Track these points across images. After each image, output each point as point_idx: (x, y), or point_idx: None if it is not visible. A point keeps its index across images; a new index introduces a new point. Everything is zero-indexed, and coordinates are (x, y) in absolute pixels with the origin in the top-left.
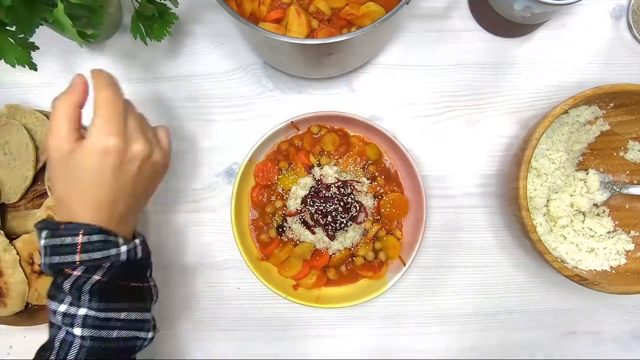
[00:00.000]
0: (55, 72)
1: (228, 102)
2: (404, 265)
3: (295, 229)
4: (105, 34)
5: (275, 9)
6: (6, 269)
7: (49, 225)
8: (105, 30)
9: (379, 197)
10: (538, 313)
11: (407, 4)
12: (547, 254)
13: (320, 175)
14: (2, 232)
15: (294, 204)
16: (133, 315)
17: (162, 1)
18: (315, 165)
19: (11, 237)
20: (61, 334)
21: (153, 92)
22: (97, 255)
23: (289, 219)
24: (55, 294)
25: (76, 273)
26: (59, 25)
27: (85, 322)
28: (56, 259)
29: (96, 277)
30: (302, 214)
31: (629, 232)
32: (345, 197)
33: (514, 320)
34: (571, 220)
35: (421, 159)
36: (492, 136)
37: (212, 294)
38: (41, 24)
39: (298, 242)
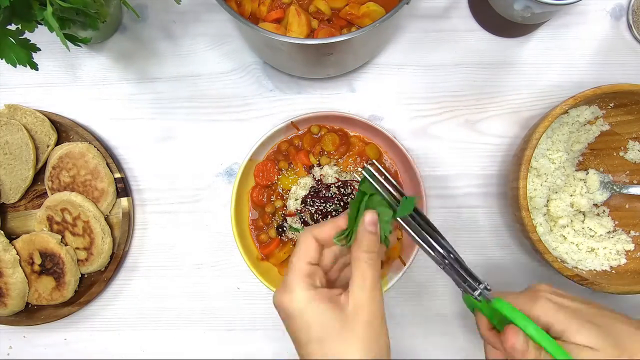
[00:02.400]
0: (55, 72)
1: (228, 102)
2: (404, 265)
3: (295, 228)
4: (105, 34)
5: (275, 9)
6: (6, 269)
7: None
8: (105, 30)
9: None
10: None
11: (407, 4)
12: (547, 254)
13: (320, 175)
14: (2, 232)
15: (294, 204)
16: None
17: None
18: (315, 165)
19: (11, 237)
20: None
21: (153, 92)
22: None
23: (289, 219)
24: None
25: None
26: (48, 27)
27: None
28: None
29: None
30: (302, 214)
31: (629, 232)
32: (345, 197)
33: None
34: (571, 220)
35: (421, 159)
36: (492, 136)
37: (212, 294)
38: (40, 24)
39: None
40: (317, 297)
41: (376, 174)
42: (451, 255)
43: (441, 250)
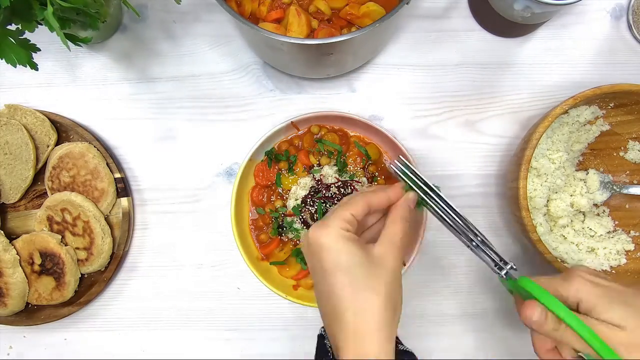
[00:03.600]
0: (55, 72)
1: (228, 102)
2: (404, 265)
3: (295, 229)
4: (105, 34)
5: (275, 9)
6: (6, 269)
7: None
8: (105, 30)
9: None
10: None
11: (407, 4)
12: (547, 254)
13: (320, 175)
14: (2, 232)
15: (294, 204)
16: None
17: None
18: (315, 165)
19: (11, 237)
20: None
21: (153, 92)
22: None
23: (289, 219)
24: None
25: None
26: (48, 27)
27: None
28: None
29: None
30: (302, 214)
31: (629, 232)
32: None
33: (514, 321)
34: (571, 220)
35: (421, 159)
36: (492, 136)
37: (212, 294)
38: (40, 24)
39: (298, 242)
40: (349, 237)
41: (405, 169)
42: (478, 238)
43: (469, 234)
